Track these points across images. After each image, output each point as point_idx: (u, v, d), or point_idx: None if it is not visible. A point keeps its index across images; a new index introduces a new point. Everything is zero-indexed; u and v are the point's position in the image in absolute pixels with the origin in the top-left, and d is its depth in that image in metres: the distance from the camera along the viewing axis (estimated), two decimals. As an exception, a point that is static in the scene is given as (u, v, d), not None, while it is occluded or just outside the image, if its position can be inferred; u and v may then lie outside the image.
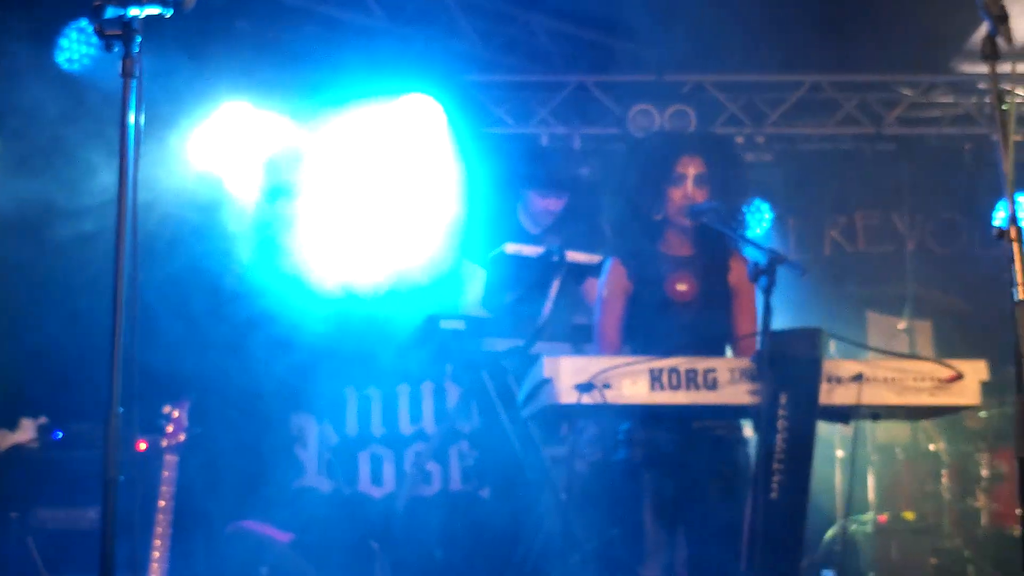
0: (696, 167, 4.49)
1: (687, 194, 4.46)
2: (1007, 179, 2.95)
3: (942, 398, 3.92)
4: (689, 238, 4.54)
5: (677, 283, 4.50)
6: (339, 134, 7.75)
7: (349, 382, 8.05)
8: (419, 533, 7.23)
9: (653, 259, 4.53)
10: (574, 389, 3.76)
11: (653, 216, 4.50)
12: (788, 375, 3.75)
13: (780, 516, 3.76)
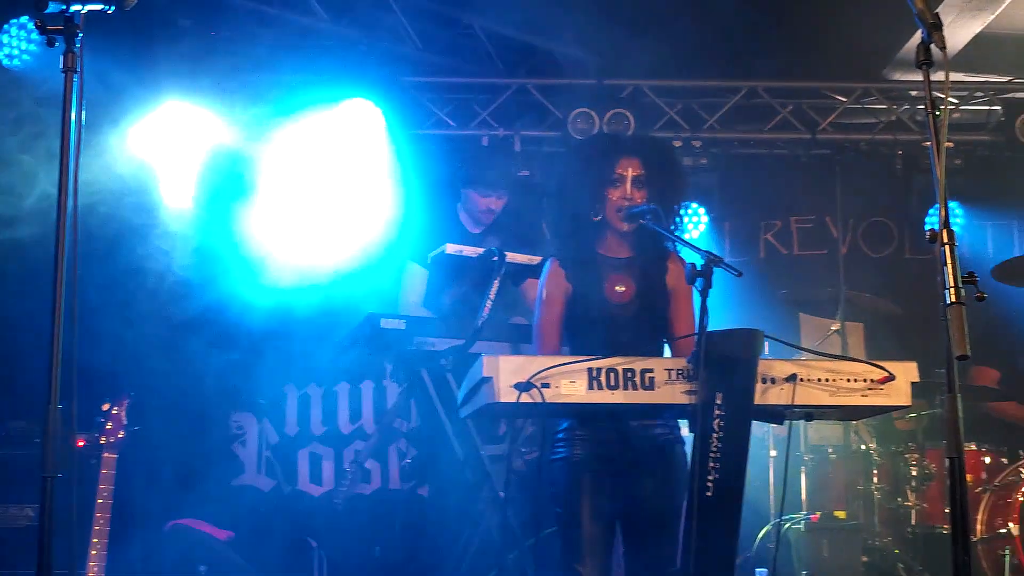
0: (634, 169, 4.52)
1: (625, 195, 4.48)
2: (939, 183, 3.02)
3: (874, 399, 3.97)
4: (627, 240, 4.58)
5: (615, 285, 4.53)
6: (279, 135, 7.75)
7: (289, 380, 8.05)
8: (358, 531, 7.24)
9: (592, 261, 4.56)
10: (513, 388, 3.78)
11: (592, 218, 4.54)
12: (724, 375, 3.80)
13: (715, 514, 3.80)
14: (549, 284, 4.55)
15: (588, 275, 4.54)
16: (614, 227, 4.54)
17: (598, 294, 4.51)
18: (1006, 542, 6.26)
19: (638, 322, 4.52)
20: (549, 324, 4.53)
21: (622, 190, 4.50)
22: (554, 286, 4.54)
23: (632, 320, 4.52)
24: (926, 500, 7.13)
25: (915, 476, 7.14)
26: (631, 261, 4.59)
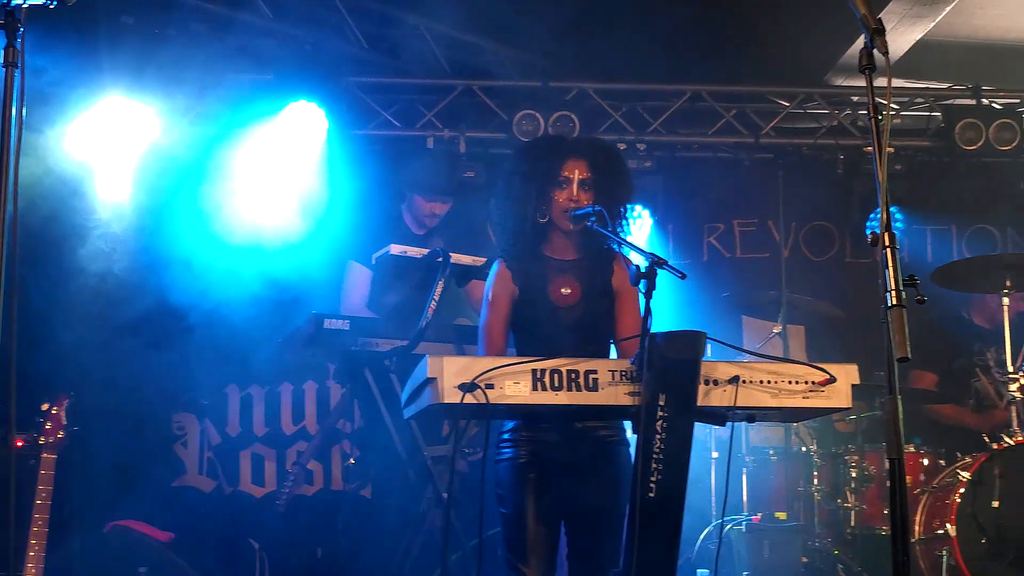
0: (581, 171, 4.54)
1: (572, 197, 4.50)
2: (881, 187, 3.05)
3: (815, 401, 4.00)
4: (573, 242, 4.60)
5: (561, 287, 4.54)
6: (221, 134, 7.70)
7: (231, 381, 8.00)
8: (300, 532, 7.23)
9: (538, 262, 4.57)
10: (457, 389, 3.78)
11: (538, 219, 4.55)
12: (667, 377, 3.81)
13: (657, 515, 3.82)
14: (496, 285, 4.56)
15: (534, 277, 4.55)
16: (560, 228, 4.56)
17: (543, 296, 4.53)
18: (944, 543, 6.33)
19: (583, 324, 4.54)
20: (495, 325, 4.53)
21: (568, 192, 4.51)
22: (501, 287, 4.54)
23: (577, 322, 4.54)
24: (865, 502, 7.20)
25: (855, 478, 7.21)
26: (577, 263, 4.61)
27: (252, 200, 7.41)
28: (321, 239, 7.20)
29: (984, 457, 6.42)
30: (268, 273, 7.26)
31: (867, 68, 3.21)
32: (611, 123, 8.70)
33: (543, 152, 4.66)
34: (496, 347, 4.51)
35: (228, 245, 7.17)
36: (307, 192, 7.48)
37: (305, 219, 7.30)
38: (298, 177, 7.61)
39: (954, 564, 6.26)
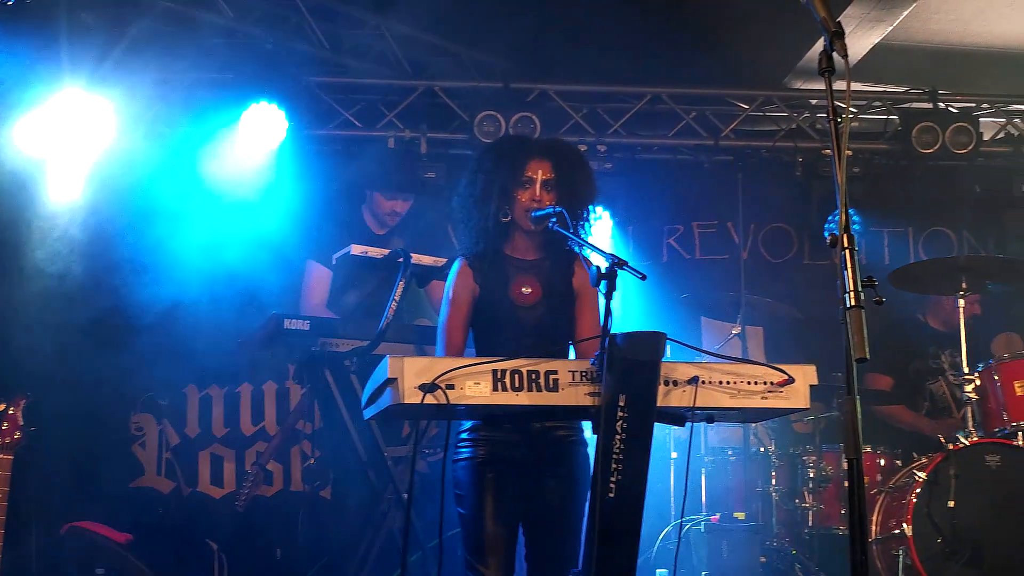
0: (545, 172, 4.56)
1: (534, 197, 4.52)
2: (840, 189, 3.07)
3: (774, 401, 4.02)
4: (535, 242, 4.61)
5: (522, 286, 4.55)
6: (179, 132, 7.67)
7: (190, 381, 7.96)
8: (259, 533, 7.20)
9: (499, 262, 4.58)
10: (418, 389, 3.77)
11: (500, 219, 4.56)
12: (627, 377, 3.82)
13: (617, 515, 3.83)
14: (456, 284, 4.56)
15: (495, 276, 4.56)
16: (522, 228, 4.57)
17: (504, 295, 4.54)
18: (900, 543, 6.38)
19: (543, 324, 4.56)
20: (455, 325, 4.54)
21: (531, 192, 4.53)
22: (461, 286, 4.55)
23: (537, 322, 4.55)
24: (823, 501, 7.26)
25: (812, 478, 7.26)
26: (538, 263, 4.62)
27: (211, 200, 7.37)
28: (281, 239, 7.18)
29: (940, 457, 6.47)
30: (227, 273, 7.23)
31: (827, 71, 3.24)
32: (572, 125, 8.72)
33: (507, 152, 4.67)
34: (455, 346, 4.51)
35: (187, 245, 7.13)
36: (267, 192, 7.45)
37: (264, 219, 7.27)
38: (258, 177, 7.57)
39: (910, 563, 6.31)
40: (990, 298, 7.73)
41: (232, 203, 7.36)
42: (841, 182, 3.08)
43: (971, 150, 8.61)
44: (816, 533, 7.19)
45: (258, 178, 7.55)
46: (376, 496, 6.36)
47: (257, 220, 7.28)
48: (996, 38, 9.02)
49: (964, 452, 6.47)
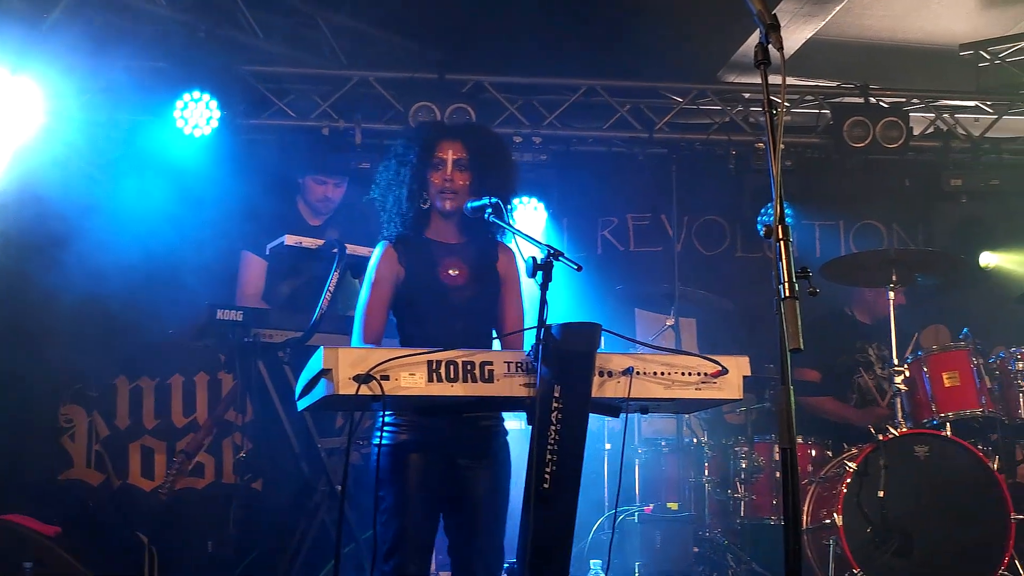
0: (455, 151, 4.54)
1: (446, 177, 4.51)
2: (775, 180, 3.09)
3: (707, 392, 4.05)
4: (455, 226, 4.60)
5: (449, 268, 4.53)
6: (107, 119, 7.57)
7: (121, 372, 7.87)
8: (191, 526, 7.14)
9: (424, 245, 4.56)
10: (352, 380, 3.75)
11: (420, 205, 4.54)
12: (563, 368, 3.83)
13: (552, 506, 3.83)
14: (381, 266, 4.50)
15: (421, 258, 4.53)
16: (441, 212, 4.55)
17: (433, 277, 4.51)
18: (831, 532, 6.45)
19: (472, 306, 4.54)
20: (376, 307, 4.48)
21: (443, 173, 4.52)
22: (386, 268, 4.50)
23: (467, 304, 4.53)
24: (755, 492, 7.33)
25: (744, 469, 7.34)
26: (463, 247, 4.61)
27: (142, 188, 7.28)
28: (214, 229, 7.11)
29: (870, 448, 6.55)
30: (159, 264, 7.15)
31: (762, 63, 3.26)
32: (507, 116, 8.72)
33: (417, 137, 4.66)
34: (374, 330, 4.46)
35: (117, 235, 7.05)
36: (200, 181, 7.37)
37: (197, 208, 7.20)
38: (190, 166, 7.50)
39: (840, 553, 6.38)
40: (919, 291, 7.84)
41: (164, 192, 7.27)
42: (776, 174, 3.10)
43: (901, 144, 8.71)
44: (748, 523, 7.27)
45: (190, 167, 7.47)
46: (309, 488, 6.33)
47: (189, 209, 7.20)
48: (926, 35, 9.14)
49: (894, 443, 6.56)
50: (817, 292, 3.08)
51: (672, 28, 8.67)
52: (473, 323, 4.52)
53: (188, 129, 7.56)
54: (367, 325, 4.47)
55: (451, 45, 8.86)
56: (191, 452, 7.46)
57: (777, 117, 3.17)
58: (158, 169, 7.38)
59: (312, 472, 6.26)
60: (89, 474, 7.85)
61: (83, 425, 7.83)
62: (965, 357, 7.11)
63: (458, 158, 4.54)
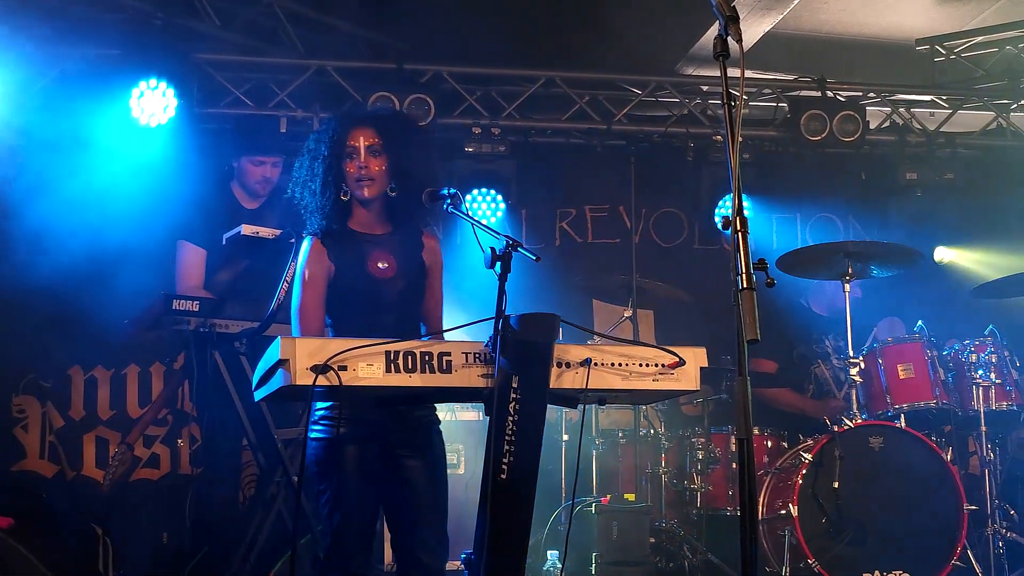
0: (367, 138, 4.51)
1: (361, 164, 4.48)
2: (733, 172, 3.10)
3: (665, 383, 4.05)
4: (378, 215, 4.58)
5: (378, 261, 4.50)
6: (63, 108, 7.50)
7: (75, 362, 7.80)
8: (146, 517, 7.09)
9: (349, 238, 4.53)
10: (309, 371, 3.74)
11: (340, 197, 4.51)
12: (521, 359, 3.83)
13: (510, 497, 3.83)
14: (311, 263, 4.45)
15: (349, 252, 4.49)
16: (360, 199, 4.52)
17: (362, 271, 4.47)
18: (786, 523, 6.50)
19: (403, 298, 4.53)
20: (314, 305, 4.44)
21: (357, 161, 4.49)
22: (316, 265, 4.45)
23: (399, 296, 4.52)
24: (711, 483, 7.37)
25: (701, 459, 7.37)
26: (388, 237, 4.58)
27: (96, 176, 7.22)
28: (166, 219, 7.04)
29: (825, 439, 6.60)
30: (114, 253, 7.10)
31: (721, 55, 3.27)
32: (466, 107, 8.71)
33: (330, 127, 4.61)
34: (315, 328, 4.42)
35: (69, 223, 6.99)
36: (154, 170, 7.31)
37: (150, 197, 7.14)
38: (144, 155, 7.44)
39: (795, 543, 6.44)
40: (875, 283, 7.90)
41: (118, 181, 7.21)
42: (734, 165, 3.11)
43: (857, 138, 8.78)
44: (704, 514, 7.31)
45: (147, 156, 7.42)
46: (266, 479, 6.31)
47: (142, 198, 7.14)
48: (883, 29, 9.20)
49: (849, 434, 6.61)
50: (774, 283, 3.09)
51: (631, 20, 8.67)
52: (404, 316, 4.52)
53: (144, 119, 7.51)
54: (307, 324, 4.42)
55: (410, 35, 8.83)
56: (133, 444, 7.41)
57: (736, 109, 3.18)
58: (113, 158, 7.31)
59: (269, 463, 6.24)
60: (42, 465, 7.78)
61: (36, 416, 7.76)
62: (920, 349, 7.18)
63: (370, 144, 4.50)
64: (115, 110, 7.46)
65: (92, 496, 7.41)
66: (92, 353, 7.79)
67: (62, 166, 7.16)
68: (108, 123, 7.47)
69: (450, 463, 7.38)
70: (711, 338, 4.77)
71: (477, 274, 4.12)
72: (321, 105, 8.38)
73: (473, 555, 3.88)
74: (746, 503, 3.00)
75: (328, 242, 4.49)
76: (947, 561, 6.43)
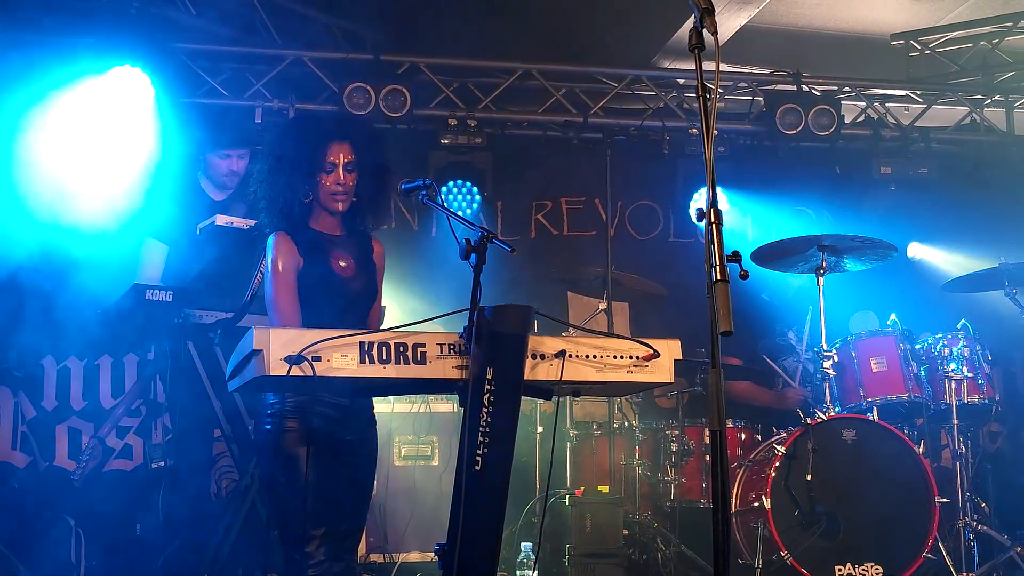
0: (345, 154, 4.60)
1: (339, 181, 4.57)
2: (708, 164, 3.11)
3: (639, 375, 4.05)
4: (336, 220, 4.67)
5: (339, 260, 4.59)
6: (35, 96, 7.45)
7: (48, 353, 7.75)
8: (118, 508, 7.04)
9: (313, 236, 4.60)
10: (283, 361, 3.72)
11: (302, 200, 4.57)
12: (495, 350, 3.82)
13: (484, 488, 3.83)
14: (282, 256, 4.48)
15: (315, 248, 4.56)
16: (327, 210, 4.60)
17: (327, 268, 4.55)
18: (759, 515, 6.52)
19: (362, 296, 4.63)
20: (290, 297, 4.46)
21: (335, 176, 4.57)
22: (288, 258, 4.49)
23: (360, 293, 4.62)
24: (684, 475, 7.39)
25: (675, 452, 7.38)
26: (345, 239, 4.67)
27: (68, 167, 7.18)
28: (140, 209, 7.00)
29: (799, 432, 6.62)
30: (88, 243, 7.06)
31: (696, 47, 3.27)
32: (442, 99, 8.70)
33: (307, 135, 4.68)
34: (295, 320, 4.44)
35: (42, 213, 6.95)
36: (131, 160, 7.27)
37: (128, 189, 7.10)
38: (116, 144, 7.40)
39: (768, 535, 6.45)
40: (848, 277, 7.92)
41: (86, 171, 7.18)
42: (709, 157, 3.12)
43: (832, 132, 8.82)
44: (677, 506, 7.32)
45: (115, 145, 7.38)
46: (239, 470, 6.29)
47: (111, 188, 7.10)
48: (858, 23, 9.23)
49: (822, 427, 6.63)
50: (748, 275, 3.10)
51: (608, 13, 8.68)
52: (363, 314, 4.62)
53: (119, 107, 7.46)
54: (287, 315, 4.44)
55: (387, 26, 8.81)
56: (104, 437, 7.37)
57: (711, 102, 3.18)
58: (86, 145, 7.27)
59: (242, 454, 6.22)
60: (14, 456, 7.73)
61: (8, 406, 7.70)
62: (892, 343, 7.22)
63: (348, 161, 4.60)
64: (87, 99, 7.42)
65: (64, 487, 7.37)
66: (65, 343, 7.73)
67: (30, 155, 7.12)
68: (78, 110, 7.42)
69: (424, 455, 7.48)
70: (686, 331, 4.76)
71: (452, 265, 4.11)
72: (297, 96, 8.35)
73: (447, 546, 3.87)
74: (719, 494, 3.01)
75: (295, 237, 4.54)
76: (918, 553, 6.46)
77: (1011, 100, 9.61)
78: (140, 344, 7.60)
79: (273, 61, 8.38)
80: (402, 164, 8.00)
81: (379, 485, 7.01)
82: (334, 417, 4.41)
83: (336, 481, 4.44)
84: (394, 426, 7.50)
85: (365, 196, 4.64)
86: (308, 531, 4.29)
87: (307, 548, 4.29)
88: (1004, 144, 9.51)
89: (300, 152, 4.58)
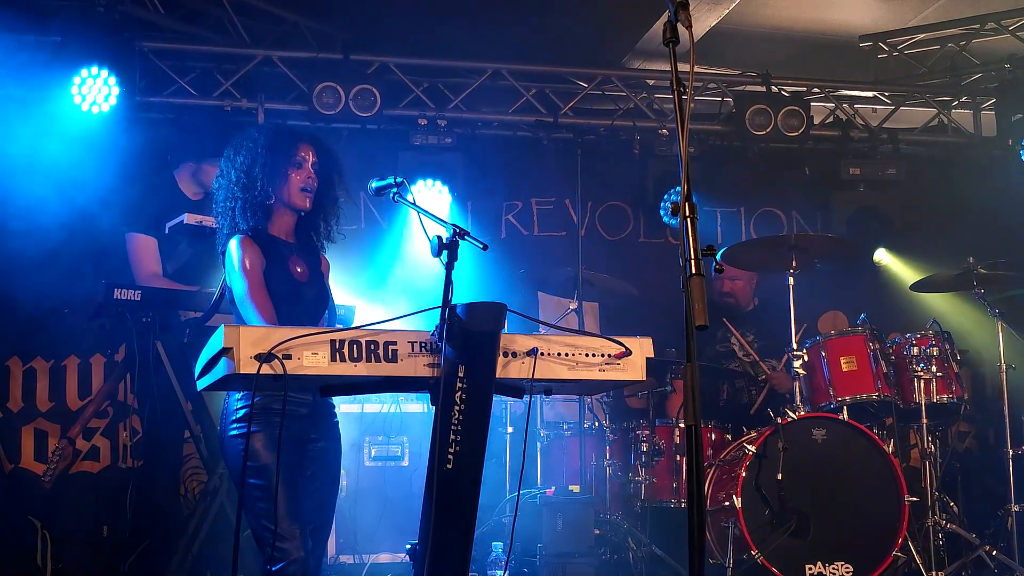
0: (312, 155, 4.69)
1: (310, 176, 4.65)
2: (682, 159, 3.11)
3: (611, 373, 4.04)
4: (291, 226, 4.71)
5: (296, 266, 4.63)
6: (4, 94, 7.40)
7: (13, 353, 7.69)
8: (86, 510, 7.01)
9: (271, 240, 4.63)
10: (253, 359, 3.69)
11: (265, 201, 4.59)
12: (467, 348, 3.80)
13: (455, 487, 3.81)
14: (249, 255, 4.50)
15: (274, 252, 4.59)
16: (292, 208, 4.64)
17: (286, 272, 4.58)
18: (730, 514, 6.52)
19: (316, 303, 4.67)
20: (261, 291, 4.46)
21: (305, 172, 4.65)
22: (253, 256, 4.51)
23: (315, 299, 4.67)
24: (655, 475, 7.38)
25: (645, 452, 7.38)
26: (298, 246, 4.72)
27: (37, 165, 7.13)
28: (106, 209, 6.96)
29: (769, 431, 6.63)
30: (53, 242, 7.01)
31: (671, 41, 3.27)
32: (412, 98, 8.68)
33: (281, 134, 4.74)
34: (273, 315, 4.43)
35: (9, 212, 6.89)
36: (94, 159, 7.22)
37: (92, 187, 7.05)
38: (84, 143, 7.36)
39: (739, 534, 6.46)
40: (817, 277, 7.94)
41: (59, 169, 7.12)
42: (683, 152, 3.11)
43: (802, 133, 8.85)
44: (648, 506, 7.31)
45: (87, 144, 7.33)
46: (208, 471, 6.25)
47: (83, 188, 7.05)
48: (827, 25, 9.27)
49: (792, 426, 6.64)
50: (723, 269, 3.10)
51: (578, 13, 8.68)
52: (318, 320, 4.64)
53: (85, 106, 7.44)
54: (265, 310, 4.42)
55: (356, 25, 8.78)
56: (74, 439, 7.32)
57: (686, 97, 3.18)
58: (54, 145, 7.22)
59: (211, 455, 6.18)
60: (-21, 458, 7.68)
61: (-28, 408, 7.65)
62: (862, 342, 7.23)
63: (314, 161, 4.69)
64: (57, 97, 7.38)
65: (30, 489, 7.31)
66: (31, 344, 7.68)
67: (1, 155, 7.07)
68: (49, 110, 7.38)
69: (394, 455, 7.45)
70: (656, 331, 4.75)
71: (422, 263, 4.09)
72: (266, 95, 8.32)
73: (418, 546, 3.86)
74: (694, 489, 3.00)
75: (256, 239, 4.56)
76: (888, 552, 6.48)
77: (978, 102, 9.67)
78: (108, 344, 7.56)
79: (241, 60, 8.34)
80: (372, 164, 8.00)
81: (349, 486, 6.99)
82: (302, 415, 4.42)
83: (306, 478, 4.45)
84: (364, 427, 7.48)
85: (321, 204, 4.70)
86: (281, 529, 4.27)
87: (282, 545, 4.27)
88: (971, 145, 9.57)
89: (267, 149, 4.61)
